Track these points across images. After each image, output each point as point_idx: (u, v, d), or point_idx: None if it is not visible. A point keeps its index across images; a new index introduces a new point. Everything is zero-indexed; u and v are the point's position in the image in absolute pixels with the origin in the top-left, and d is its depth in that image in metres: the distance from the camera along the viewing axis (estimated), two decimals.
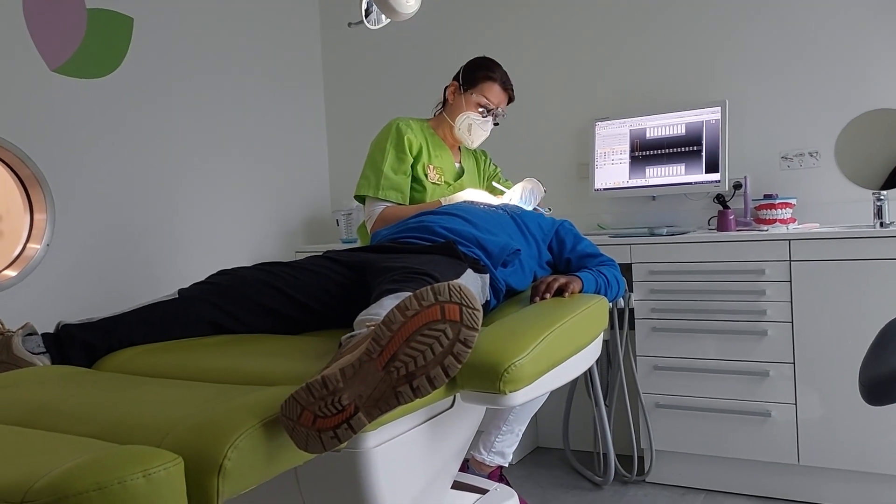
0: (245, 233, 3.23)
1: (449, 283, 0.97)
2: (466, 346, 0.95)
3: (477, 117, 2.29)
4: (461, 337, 0.95)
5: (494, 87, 2.29)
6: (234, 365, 1.26)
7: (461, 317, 0.95)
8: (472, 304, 0.95)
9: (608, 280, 1.83)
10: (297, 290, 1.54)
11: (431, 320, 0.95)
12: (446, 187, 2.33)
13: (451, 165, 2.39)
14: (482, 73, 2.30)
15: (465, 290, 0.96)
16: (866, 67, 2.63)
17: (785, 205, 2.54)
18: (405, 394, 0.94)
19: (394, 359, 0.93)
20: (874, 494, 2.27)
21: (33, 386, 1.16)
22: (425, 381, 0.94)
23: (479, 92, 2.28)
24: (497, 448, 2.24)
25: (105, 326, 1.41)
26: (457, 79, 2.34)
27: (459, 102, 2.31)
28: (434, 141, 2.35)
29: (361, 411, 0.94)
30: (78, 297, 2.53)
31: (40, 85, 2.47)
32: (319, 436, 0.93)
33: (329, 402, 0.93)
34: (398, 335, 0.94)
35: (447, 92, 2.36)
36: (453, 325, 0.94)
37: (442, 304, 0.95)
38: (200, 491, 0.87)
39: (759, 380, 2.37)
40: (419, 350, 0.94)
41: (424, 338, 0.94)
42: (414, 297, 0.96)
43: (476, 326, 0.96)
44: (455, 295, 0.95)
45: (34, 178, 2.45)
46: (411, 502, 1.29)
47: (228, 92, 3.17)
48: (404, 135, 2.25)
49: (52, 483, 0.77)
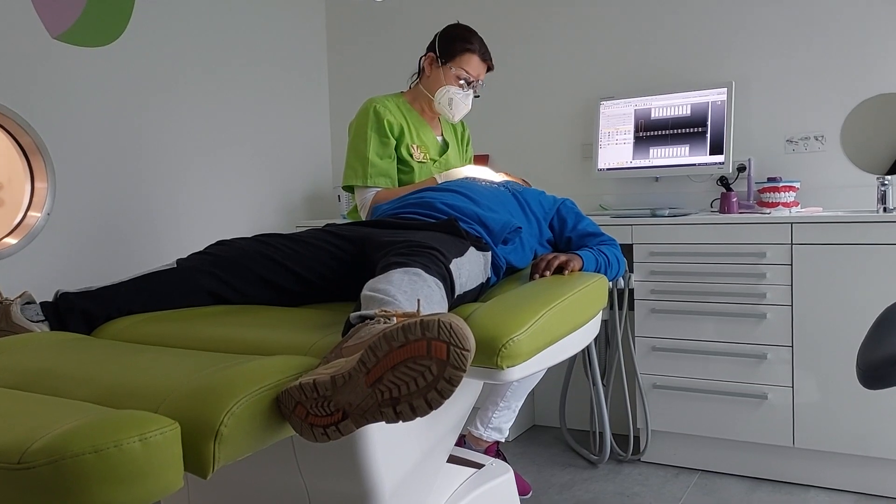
0: (246, 206, 3.23)
1: (440, 318, 0.92)
2: (451, 385, 0.92)
3: (458, 91, 2.22)
4: (446, 375, 0.91)
5: (474, 58, 2.21)
6: (233, 334, 1.26)
7: (448, 356, 0.91)
8: (460, 344, 0.91)
9: (608, 259, 1.83)
10: (296, 263, 1.54)
11: (417, 355, 0.92)
12: (432, 164, 2.29)
13: (434, 140, 2.34)
14: (460, 44, 2.21)
15: (455, 327, 0.92)
16: (874, 51, 2.61)
17: (788, 188, 2.53)
18: (388, 415, 0.94)
19: (379, 381, 0.93)
20: (868, 477, 2.29)
21: (31, 351, 1.16)
22: (408, 409, 0.93)
23: (458, 64, 2.20)
24: (494, 424, 2.25)
25: (103, 295, 1.41)
26: (433, 50, 2.25)
27: (438, 76, 2.23)
28: (412, 117, 2.29)
29: (350, 418, 0.95)
30: (78, 266, 2.53)
31: (42, 53, 2.45)
32: (312, 429, 0.96)
33: (320, 405, 0.94)
34: (383, 362, 0.92)
35: (423, 63, 2.28)
36: (439, 363, 0.91)
37: (429, 341, 0.91)
38: (197, 456, 0.87)
39: (756, 362, 2.38)
40: (403, 380, 0.92)
41: (409, 370, 0.92)
42: (401, 329, 0.92)
43: (463, 367, 0.92)
44: (444, 333, 0.91)
45: (35, 146, 2.44)
46: (407, 475, 1.30)
47: (232, 65, 3.14)
48: (383, 118, 2.19)
49: (49, 445, 0.77)
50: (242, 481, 1.31)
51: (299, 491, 1.26)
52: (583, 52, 3.12)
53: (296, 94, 3.51)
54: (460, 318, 0.97)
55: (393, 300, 1.14)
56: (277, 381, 0.98)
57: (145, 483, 0.81)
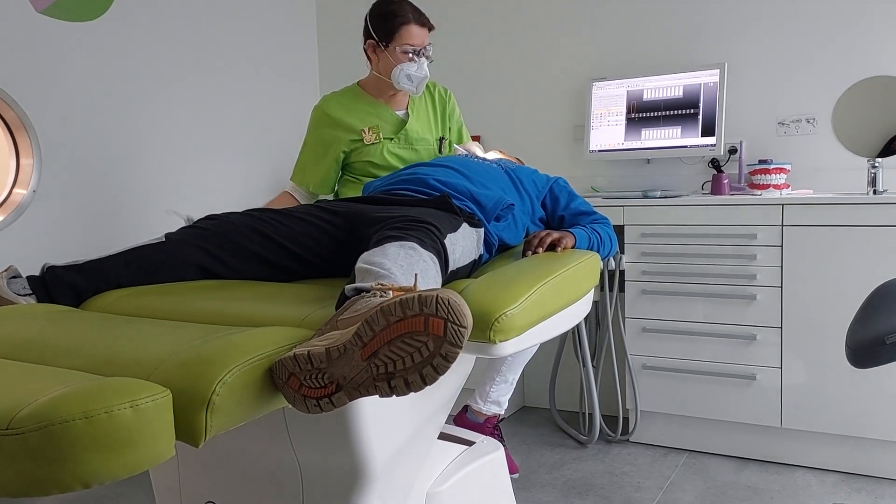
0: (236, 182, 3.20)
1: (438, 294, 0.92)
2: (447, 361, 0.92)
3: (410, 65, 2.19)
4: (442, 351, 0.91)
5: (412, 28, 2.18)
6: (224, 308, 1.24)
7: (445, 332, 0.91)
8: (458, 321, 0.91)
9: (601, 237, 1.82)
10: (287, 238, 1.53)
11: (414, 330, 0.91)
12: (389, 142, 2.29)
13: (391, 116, 2.32)
14: (393, 21, 2.18)
15: (453, 303, 0.91)
16: (866, 34, 2.61)
17: (779, 170, 2.53)
18: (383, 389, 0.93)
19: (375, 356, 0.92)
20: (854, 457, 2.31)
21: (20, 321, 1.15)
22: (402, 384, 0.92)
23: (399, 41, 2.18)
24: (493, 398, 2.28)
25: (91, 268, 1.39)
26: (369, 35, 2.23)
27: (385, 59, 2.21)
28: (361, 103, 2.31)
29: (343, 391, 0.94)
30: (65, 243, 2.51)
31: (27, 27, 2.40)
32: (305, 401, 0.95)
33: (314, 377, 0.94)
34: (379, 336, 0.92)
35: (367, 51, 2.27)
36: (436, 339, 0.91)
37: (427, 317, 0.91)
38: (188, 425, 0.87)
39: (745, 343, 2.39)
40: (399, 355, 0.92)
41: (405, 345, 0.92)
42: (399, 304, 0.92)
43: (459, 343, 0.91)
44: (442, 309, 0.90)
45: (20, 122, 2.40)
46: (399, 450, 1.30)
47: (221, 38, 3.10)
48: (322, 118, 2.32)
49: (38, 410, 0.76)
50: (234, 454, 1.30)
51: (291, 464, 1.25)
52: (575, 33, 3.10)
53: (286, 71, 3.48)
54: (457, 293, 0.96)
55: (389, 273, 1.13)
56: (271, 352, 0.97)
57: (136, 450, 0.80)
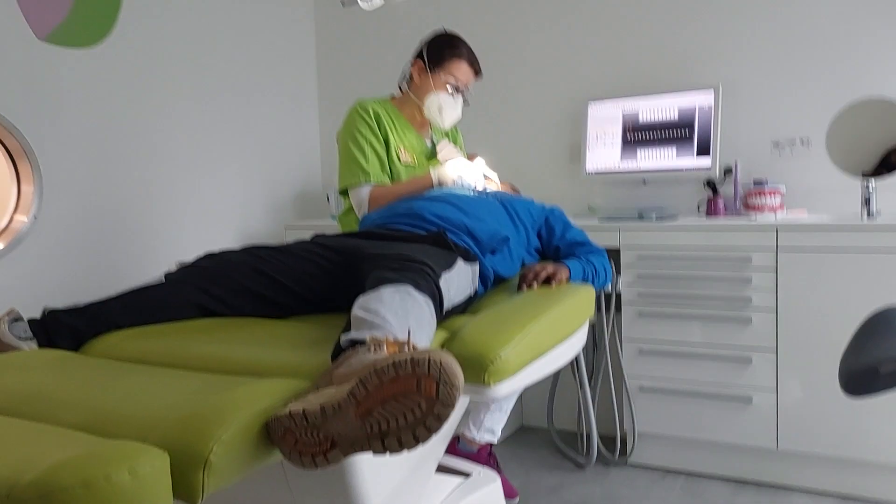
0: (235, 207, 3.22)
1: (430, 355, 0.93)
2: (439, 421, 0.93)
3: (447, 98, 2.23)
4: (435, 412, 0.93)
5: (462, 65, 2.22)
6: (223, 353, 1.26)
7: (437, 393, 0.92)
8: (450, 381, 0.93)
9: (596, 269, 1.84)
10: (285, 275, 1.55)
11: (407, 391, 0.93)
12: (419, 168, 2.29)
13: (422, 144, 2.35)
14: (448, 51, 2.22)
15: (445, 364, 0.93)
16: (859, 56, 2.62)
17: (774, 192, 2.55)
18: (377, 447, 0.95)
19: (369, 414, 0.94)
20: (850, 480, 2.32)
21: (19, 372, 1.16)
22: (395, 443, 0.94)
23: (447, 71, 2.21)
24: (487, 426, 2.28)
25: (91, 311, 1.41)
26: (421, 57, 2.25)
27: (427, 82, 2.23)
28: (399, 121, 2.29)
29: (339, 448, 0.96)
30: (65, 270, 2.52)
31: (27, 54, 2.43)
32: (300, 457, 0.97)
33: (309, 433, 0.95)
34: (373, 396, 0.94)
35: (412, 70, 2.28)
36: (428, 400, 0.93)
37: (419, 378, 0.93)
38: (186, 484, 0.88)
39: (741, 366, 2.40)
40: (393, 414, 0.93)
41: (399, 405, 0.93)
42: (392, 365, 0.93)
43: (452, 404, 0.93)
44: (434, 370, 0.92)
45: (21, 149, 2.42)
46: (395, 489, 1.31)
47: (221, 65, 3.12)
48: (373, 114, 2.20)
49: (38, 479, 0.77)
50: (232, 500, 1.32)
51: None
52: (571, 53, 3.12)
53: (285, 94, 3.50)
54: (450, 354, 0.98)
55: (384, 323, 1.14)
56: (266, 407, 0.99)
57: None
